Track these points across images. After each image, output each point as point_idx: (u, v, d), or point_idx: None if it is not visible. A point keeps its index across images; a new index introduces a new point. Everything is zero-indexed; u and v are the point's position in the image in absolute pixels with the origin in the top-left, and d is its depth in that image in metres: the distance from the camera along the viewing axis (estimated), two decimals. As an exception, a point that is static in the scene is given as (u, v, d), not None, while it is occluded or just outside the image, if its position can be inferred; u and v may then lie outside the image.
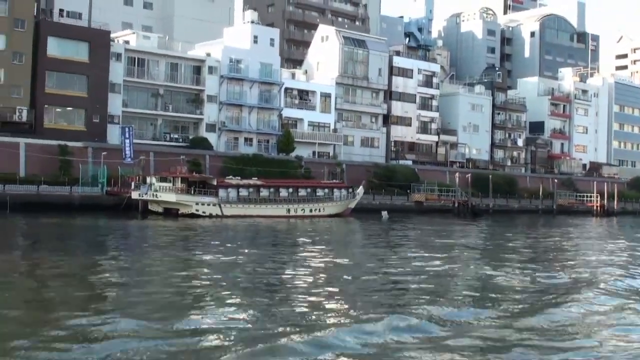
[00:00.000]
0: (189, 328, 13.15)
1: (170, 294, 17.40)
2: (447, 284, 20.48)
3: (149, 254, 25.48)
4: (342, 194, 52.83)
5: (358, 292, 18.28)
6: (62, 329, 12.67)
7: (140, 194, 45.23)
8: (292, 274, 21.43)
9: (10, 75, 56.04)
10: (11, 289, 17.47)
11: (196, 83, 65.01)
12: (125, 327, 12.88)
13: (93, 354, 11.16)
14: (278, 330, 13.19)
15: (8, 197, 44.82)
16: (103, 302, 15.95)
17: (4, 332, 12.52)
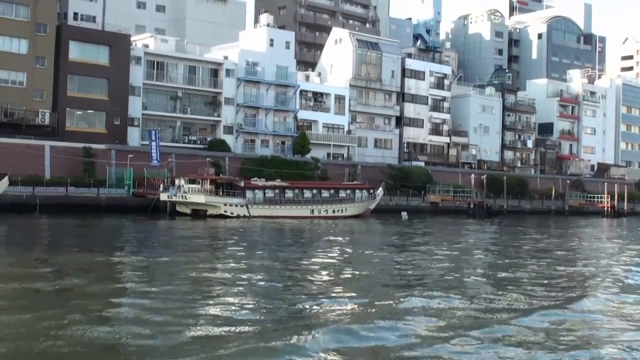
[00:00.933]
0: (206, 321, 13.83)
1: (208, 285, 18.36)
2: (493, 280, 21.64)
3: (196, 253, 26.61)
4: (364, 195, 54.09)
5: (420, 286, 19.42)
6: (83, 320, 13.43)
7: (169, 195, 46.41)
8: (350, 271, 22.60)
9: (33, 79, 57.18)
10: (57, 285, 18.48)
11: (214, 86, 66.19)
12: (140, 317, 13.73)
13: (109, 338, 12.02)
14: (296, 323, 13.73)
15: (38, 199, 45.97)
16: (132, 295, 16.71)
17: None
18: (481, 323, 14.45)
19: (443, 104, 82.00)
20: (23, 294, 16.81)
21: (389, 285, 19.67)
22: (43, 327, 13.02)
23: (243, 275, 20.61)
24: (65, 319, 13.59)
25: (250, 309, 15.44)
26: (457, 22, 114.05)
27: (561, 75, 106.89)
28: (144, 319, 13.81)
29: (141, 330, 12.96)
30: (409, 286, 19.45)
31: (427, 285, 19.63)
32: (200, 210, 46.62)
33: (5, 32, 56.12)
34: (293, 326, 13.59)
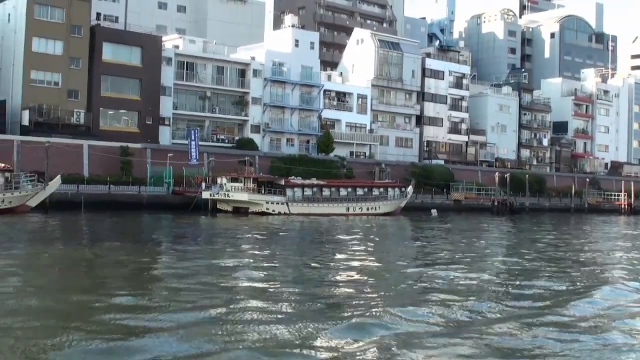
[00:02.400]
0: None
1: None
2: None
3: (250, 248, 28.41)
4: (395, 194, 55.96)
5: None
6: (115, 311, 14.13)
7: (211, 193, 48.21)
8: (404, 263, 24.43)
9: (68, 80, 58.91)
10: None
11: (241, 86, 67.95)
12: (165, 308, 14.66)
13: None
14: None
15: (82, 196, 47.72)
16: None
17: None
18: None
19: (461, 103, 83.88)
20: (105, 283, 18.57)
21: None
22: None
23: (313, 263, 22.42)
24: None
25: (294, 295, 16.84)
26: (470, 22, 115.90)
27: (573, 74, 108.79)
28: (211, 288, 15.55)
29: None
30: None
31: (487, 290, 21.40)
32: (241, 207, 48.42)
33: (41, 33, 57.86)
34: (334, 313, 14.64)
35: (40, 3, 58.07)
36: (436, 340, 12.42)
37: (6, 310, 13.97)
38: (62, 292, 16.85)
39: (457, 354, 11.49)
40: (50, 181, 42.71)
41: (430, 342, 12.31)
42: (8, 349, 10.96)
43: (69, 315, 13.95)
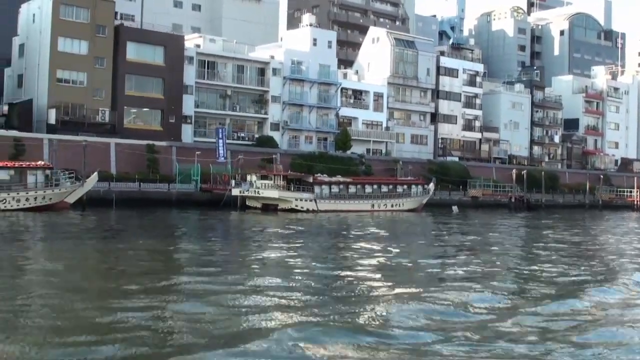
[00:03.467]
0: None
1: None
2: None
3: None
4: (419, 190, 57.33)
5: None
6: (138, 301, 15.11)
7: (241, 190, 49.54)
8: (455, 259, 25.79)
9: (93, 79, 60.16)
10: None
11: (261, 84, 69.21)
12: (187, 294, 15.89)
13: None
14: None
15: (114, 194, 49.04)
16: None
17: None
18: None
19: (475, 101, 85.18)
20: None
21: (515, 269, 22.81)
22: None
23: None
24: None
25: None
26: (480, 19, 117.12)
27: (582, 71, 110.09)
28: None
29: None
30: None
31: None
32: (270, 204, 49.76)
33: (67, 33, 59.11)
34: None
35: (65, 3, 59.29)
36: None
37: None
38: (142, 277, 18.20)
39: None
40: (87, 178, 43.92)
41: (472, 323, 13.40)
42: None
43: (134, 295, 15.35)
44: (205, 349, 11.13)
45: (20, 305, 14.19)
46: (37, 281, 17.83)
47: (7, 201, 39.98)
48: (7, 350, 10.70)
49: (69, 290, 16.08)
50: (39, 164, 42.45)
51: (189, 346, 11.37)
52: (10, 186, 40.52)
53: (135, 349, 11.03)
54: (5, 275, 18.53)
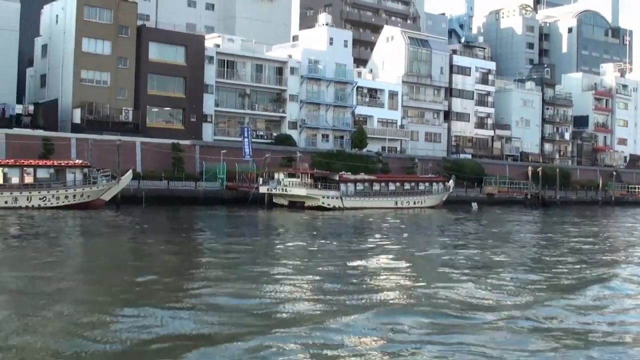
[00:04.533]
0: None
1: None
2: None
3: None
4: (440, 188, 58.84)
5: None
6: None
7: (269, 188, 51.01)
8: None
9: (116, 79, 61.54)
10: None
11: (278, 83, 70.64)
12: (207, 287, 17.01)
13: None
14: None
15: (143, 192, 50.47)
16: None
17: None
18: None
19: (487, 99, 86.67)
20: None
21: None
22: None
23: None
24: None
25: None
26: (489, 17, 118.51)
27: (590, 68, 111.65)
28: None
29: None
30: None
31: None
32: (297, 202, 51.22)
33: (91, 34, 60.45)
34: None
35: (89, 5, 60.63)
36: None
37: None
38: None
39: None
40: (121, 176, 45.35)
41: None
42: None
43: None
44: (234, 337, 11.84)
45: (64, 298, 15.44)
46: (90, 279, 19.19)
47: (47, 198, 41.44)
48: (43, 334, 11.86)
49: (114, 282, 17.56)
50: (77, 163, 43.81)
51: (219, 334, 12.11)
52: (50, 184, 41.93)
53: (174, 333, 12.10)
54: (66, 272, 19.91)
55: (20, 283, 17.24)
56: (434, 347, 11.62)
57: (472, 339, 12.09)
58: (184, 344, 11.51)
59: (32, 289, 16.26)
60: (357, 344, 11.79)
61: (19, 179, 41.30)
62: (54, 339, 11.75)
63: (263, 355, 10.93)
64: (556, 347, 11.95)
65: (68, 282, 17.71)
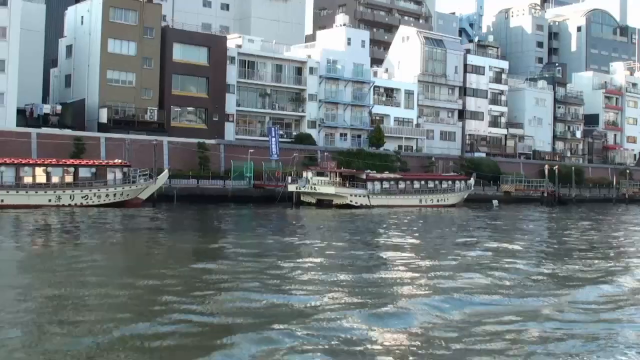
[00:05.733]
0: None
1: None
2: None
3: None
4: (462, 186, 60.56)
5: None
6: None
7: (297, 187, 52.65)
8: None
9: (141, 79, 63.09)
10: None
11: (298, 83, 72.24)
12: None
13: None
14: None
15: (175, 190, 52.08)
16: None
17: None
18: None
19: (501, 97, 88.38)
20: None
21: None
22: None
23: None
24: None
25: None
26: (498, 16, 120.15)
27: (599, 67, 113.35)
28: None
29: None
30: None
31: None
32: (324, 200, 52.86)
33: (117, 35, 62.01)
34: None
35: (115, 6, 62.20)
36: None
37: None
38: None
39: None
40: (158, 175, 46.96)
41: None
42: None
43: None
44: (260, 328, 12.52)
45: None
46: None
47: (89, 197, 43.03)
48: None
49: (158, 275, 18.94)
50: (117, 162, 45.40)
51: (246, 325, 12.79)
52: (92, 183, 43.51)
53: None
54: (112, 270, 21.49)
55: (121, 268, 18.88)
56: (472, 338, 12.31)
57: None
58: (213, 333, 12.27)
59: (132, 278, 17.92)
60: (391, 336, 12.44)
61: (62, 178, 42.84)
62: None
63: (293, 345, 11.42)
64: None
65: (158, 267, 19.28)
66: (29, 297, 15.27)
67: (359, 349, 11.51)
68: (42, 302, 14.65)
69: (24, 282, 17.35)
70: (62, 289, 16.10)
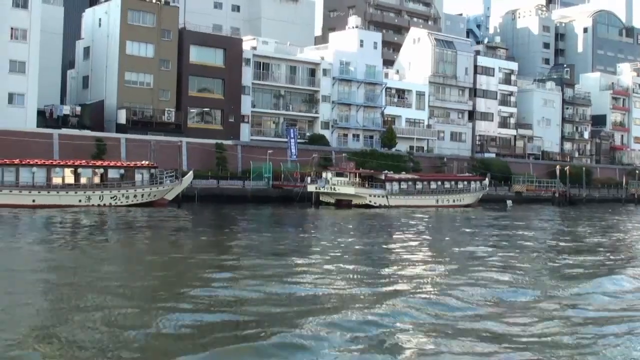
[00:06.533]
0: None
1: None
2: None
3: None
4: (477, 186, 61.92)
5: None
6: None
7: (317, 187, 53.94)
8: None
9: (159, 81, 64.33)
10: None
11: (311, 84, 73.53)
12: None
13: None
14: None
15: (196, 190, 53.31)
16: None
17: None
18: None
19: (510, 99, 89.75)
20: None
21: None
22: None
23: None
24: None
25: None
26: (505, 17, 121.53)
27: (605, 68, 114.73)
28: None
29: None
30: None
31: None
32: (343, 200, 54.15)
33: (135, 37, 63.25)
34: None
35: (133, 9, 63.45)
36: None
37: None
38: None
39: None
40: (183, 177, 48.25)
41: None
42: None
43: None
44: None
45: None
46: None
47: (118, 198, 44.28)
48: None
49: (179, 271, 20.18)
50: (145, 164, 46.66)
51: (268, 320, 13.25)
52: (120, 184, 44.77)
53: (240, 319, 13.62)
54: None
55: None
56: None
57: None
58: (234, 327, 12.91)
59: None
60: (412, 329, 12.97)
61: (91, 178, 44.12)
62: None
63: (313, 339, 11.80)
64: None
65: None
66: (75, 287, 16.54)
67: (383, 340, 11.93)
68: (79, 292, 15.88)
69: (70, 278, 18.49)
70: (109, 280, 17.46)
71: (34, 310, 13.97)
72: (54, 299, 15.20)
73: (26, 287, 16.74)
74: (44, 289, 16.62)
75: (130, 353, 11.01)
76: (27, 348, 11.02)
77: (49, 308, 14.36)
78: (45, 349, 11.00)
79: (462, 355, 11.24)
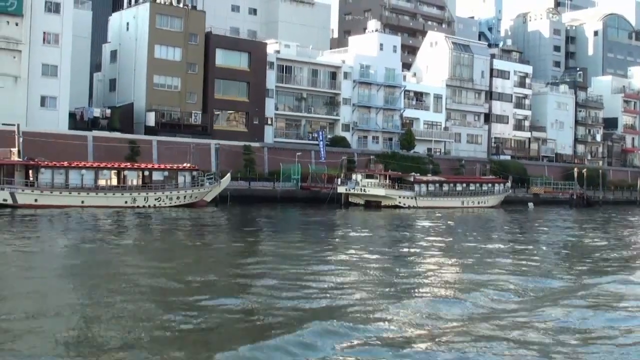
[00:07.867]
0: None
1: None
2: None
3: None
4: (501, 188, 64.27)
5: None
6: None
7: (347, 188, 56.18)
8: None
9: (186, 84, 66.50)
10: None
11: (332, 87, 75.78)
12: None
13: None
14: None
15: (228, 191, 55.46)
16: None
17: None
18: None
19: (525, 101, 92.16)
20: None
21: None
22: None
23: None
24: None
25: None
26: (516, 20, 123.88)
27: (615, 71, 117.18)
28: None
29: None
30: None
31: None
32: (372, 201, 56.40)
33: (163, 41, 65.40)
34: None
35: (161, 13, 65.62)
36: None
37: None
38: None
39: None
40: (221, 179, 50.44)
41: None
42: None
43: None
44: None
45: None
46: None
47: (162, 199, 46.48)
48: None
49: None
50: (187, 167, 48.85)
51: (284, 321, 13.88)
52: (164, 186, 46.98)
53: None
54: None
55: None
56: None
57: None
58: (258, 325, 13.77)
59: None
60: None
61: (136, 180, 46.30)
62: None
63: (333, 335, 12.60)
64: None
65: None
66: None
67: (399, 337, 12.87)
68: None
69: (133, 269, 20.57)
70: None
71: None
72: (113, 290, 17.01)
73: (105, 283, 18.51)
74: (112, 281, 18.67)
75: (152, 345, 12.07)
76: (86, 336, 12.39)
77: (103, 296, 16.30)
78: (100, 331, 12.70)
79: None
